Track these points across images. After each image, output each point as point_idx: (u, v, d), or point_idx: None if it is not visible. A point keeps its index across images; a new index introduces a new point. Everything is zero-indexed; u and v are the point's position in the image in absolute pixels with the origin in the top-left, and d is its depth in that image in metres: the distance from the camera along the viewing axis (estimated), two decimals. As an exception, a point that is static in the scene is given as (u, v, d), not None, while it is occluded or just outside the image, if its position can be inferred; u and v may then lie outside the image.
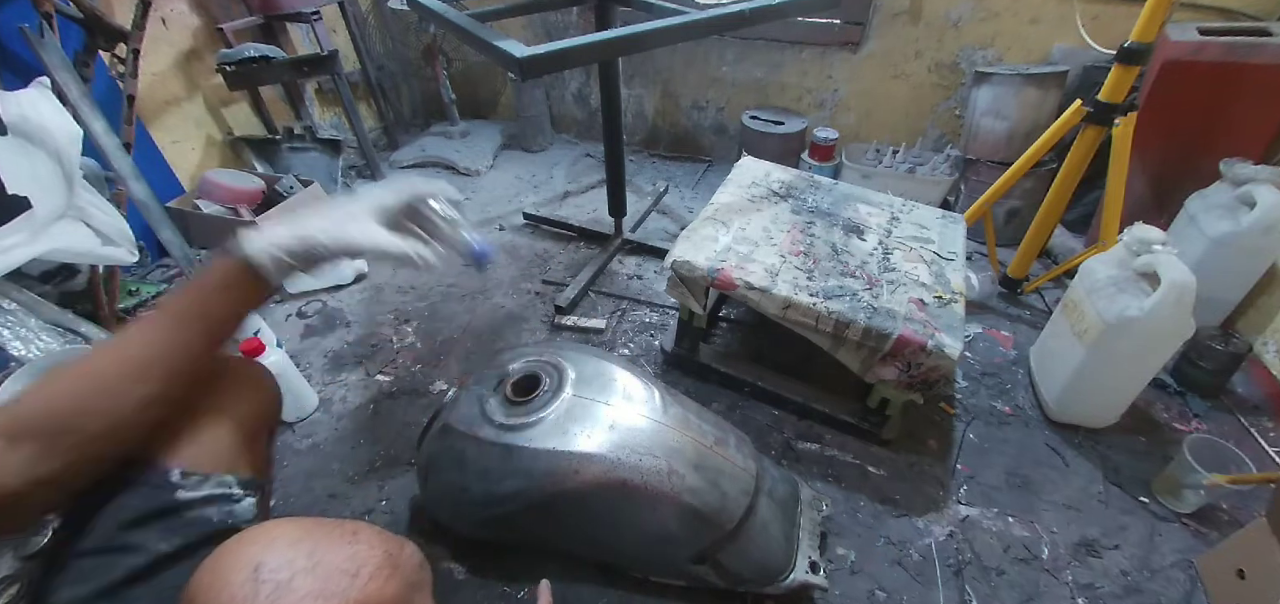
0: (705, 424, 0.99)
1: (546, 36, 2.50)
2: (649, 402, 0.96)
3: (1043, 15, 1.88)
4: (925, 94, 2.16)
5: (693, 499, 0.89)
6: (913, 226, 1.41)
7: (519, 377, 0.99)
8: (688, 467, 0.90)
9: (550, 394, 0.95)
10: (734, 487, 0.93)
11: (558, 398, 0.93)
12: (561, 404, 0.93)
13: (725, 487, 0.92)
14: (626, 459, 0.88)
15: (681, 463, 0.90)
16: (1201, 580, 1.05)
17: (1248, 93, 1.49)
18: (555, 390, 0.95)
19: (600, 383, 0.97)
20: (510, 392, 0.96)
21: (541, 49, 0.96)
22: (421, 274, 1.85)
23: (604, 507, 0.89)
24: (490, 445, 0.90)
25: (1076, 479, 1.24)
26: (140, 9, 1.53)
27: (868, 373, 1.16)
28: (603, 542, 0.96)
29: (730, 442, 1.00)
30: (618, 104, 1.66)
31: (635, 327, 1.64)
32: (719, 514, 0.90)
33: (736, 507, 0.92)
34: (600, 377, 0.98)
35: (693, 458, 0.91)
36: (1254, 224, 1.33)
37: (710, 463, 0.93)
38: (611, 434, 0.90)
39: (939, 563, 1.08)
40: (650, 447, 0.90)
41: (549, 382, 0.97)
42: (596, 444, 0.89)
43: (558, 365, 0.99)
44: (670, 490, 0.88)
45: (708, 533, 0.91)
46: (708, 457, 0.93)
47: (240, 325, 0.63)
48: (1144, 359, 1.19)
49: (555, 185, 2.41)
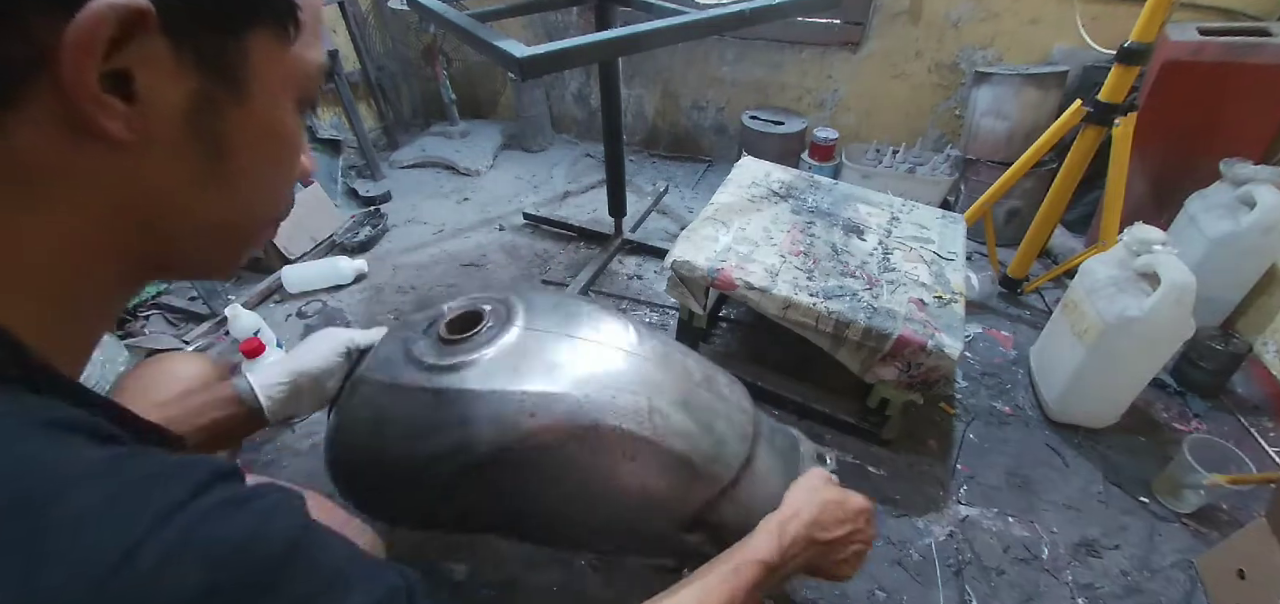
0: (690, 360, 0.80)
1: (546, 36, 2.50)
2: (622, 333, 0.76)
3: (1043, 15, 1.88)
4: (925, 94, 2.16)
5: (682, 444, 0.69)
6: (913, 227, 1.41)
7: (456, 314, 0.77)
8: (672, 405, 0.70)
9: (495, 329, 0.72)
10: (731, 430, 0.75)
11: (505, 332, 0.71)
12: (509, 338, 0.70)
13: (720, 429, 0.74)
14: (595, 396, 0.67)
15: (665, 400, 0.70)
16: (1201, 580, 1.05)
17: (1248, 93, 1.49)
18: (501, 324, 0.72)
19: (560, 314, 0.76)
20: (444, 330, 0.73)
21: (541, 49, 0.96)
22: (422, 273, 1.85)
23: (566, 462, 0.67)
24: (416, 392, 0.67)
25: (1076, 479, 1.24)
26: (140, 9, 1.53)
27: (868, 373, 1.16)
28: (567, 515, 0.72)
29: (720, 379, 0.81)
30: (618, 104, 1.66)
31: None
32: (714, 462, 0.72)
33: (734, 455, 0.74)
34: (559, 309, 0.77)
35: (678, 395, 0.72)
36: (1254, 224, 1.33)
37: (700, 401, 0.74)
38: (575, 369, 0.69)
39: (939, 563, 1.08)
40: (626, 383, 0.69)
41: (495, 316, 0.74)
42: (555, 381, 0.67)
43: (505, 300, 0.77)
44: (653, 434, 0.68)
45: (701, 488, 0.72)
46: (697, 394, 0.75)
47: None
48: (1144, 359, 1.19)
49: (555, 185, 2.41)
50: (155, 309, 1.70)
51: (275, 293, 1.79)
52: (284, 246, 1.85)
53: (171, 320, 1.67)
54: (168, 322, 1.67)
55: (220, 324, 1.58)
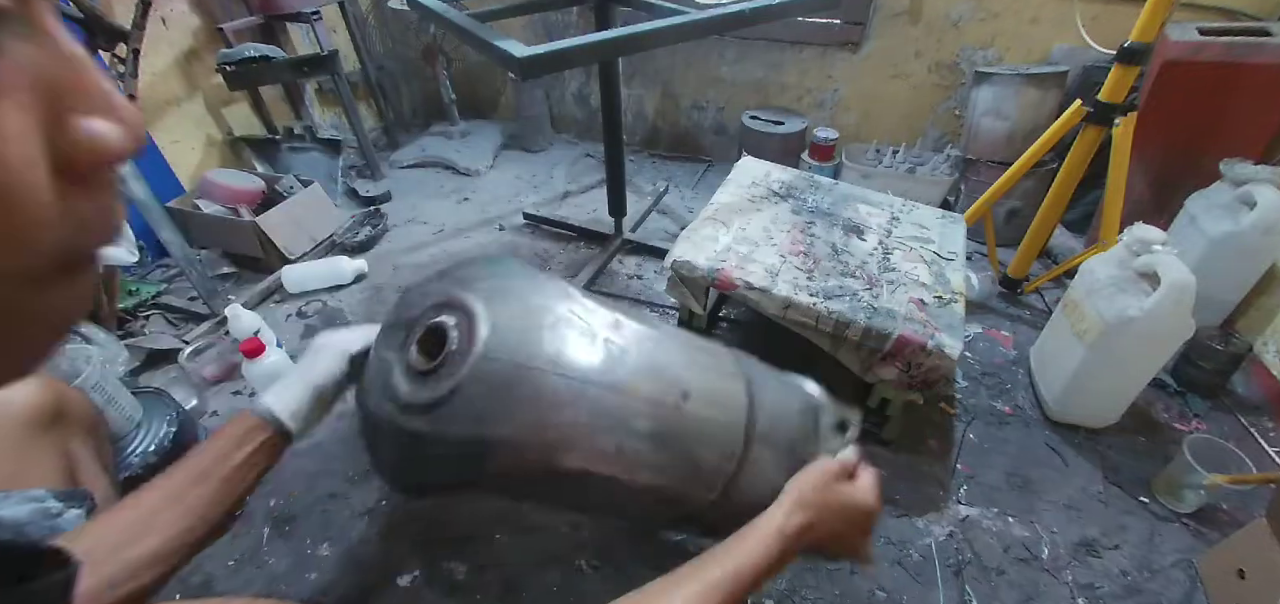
0: (673, 365, 0.77)
1: (546, 36, 2.50)
2: (588, 351, 0.73)
3: (1043, 15, 1.88)
4: (925, 94, 2.16)
5: (655, 477, 0.70)
6: (913, 227, 1.41)
7: (423, 333, 0.76)
8: (643, 441, 0.71)
9: (459, 357, 0.71)
10: (712, 450, 0.73)
11: (467, 362, 0.70)
12: (472, 370, 0.69)
13: (700, 454, 0.73)
14: (558, 443, 0.69)
15: (634, 439, 0.70)
16: (1201, 580, 1.05)
17: (1248, 93, 1.49)
18: (464, 351, 0.71)
19: (520, 333, 0.72)
20: (415, 356, 0.74)
21: (541, 49, 0.96)
22: (422, 273, 1.85)
23: (543, 493, 0.75)
24: (398, 432, 0.71)
25: (1076, 479, 1.24)
26: (140, 9, 1.53)
27: (868, 373, 1.16)
28: (559, 501, 0.81)
29: (710, 380, 0.79)
30: (618, 104, 1.66)
31: (635, 326, 1.64)
32: (691, 484, 0.72)
33: (715, 474, 0.73)
34: (522, 322, 0.74)
35: (650, 428, 0.71)
36: (1254, 224, 1.33)
37: (673, 429, 0.72)
38: (537, 410, 0.69)
39: (939, 563, 1.08)
40: (590, 422, 0.70)
41: (457, 334, 0.72)
42: (518, 428, 0.68)
43: (467, 309, 0.74)
44: (624, 475, 0.70)
45: (680, 506, 0.75)
46: (670, 422, 0.72)
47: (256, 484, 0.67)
48: (1144, 359, 1.19)
49: (555, 185, 2.41)
50: (155, 309, 1.70)
51: (275, 293, 1.79)
52: (284, 246, 1.85)
53: (171, 320, 1.67)
54: (168, 321, 1.67)
55: (220, 324, 1.58)
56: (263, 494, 1.20)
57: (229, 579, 1.06)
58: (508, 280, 0.78)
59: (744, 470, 0.76)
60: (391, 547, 1.11)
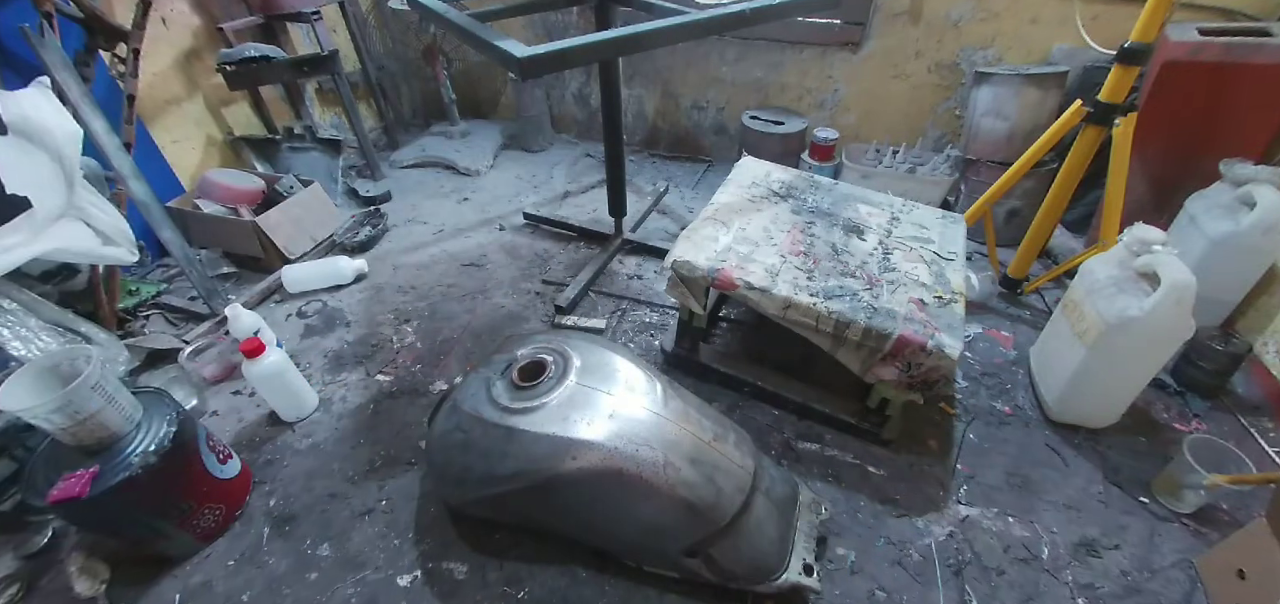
0: (706, 419, 1.01)
1: (546, 36, 2.50)
2: (650, 394, 0.99)
3: (1043, 15, 1.88)
4: (925, 94, 2.16)
5: (687, 493, 0.91)
6: (913, 227, 1.41)
7: (526, 362, 1.03)
8: (684, 460, 0.92)
9: (554, 381, 0.98)
10: (729, 483, 0.94)
11: (561, 385, 0.97)
12: (564, 391, 0.96)
13: (720, 482, 0.93)
14: (623, 448, 0.90)
15: (678, 456, 0.92)
16: (1201, 580, 1.05)
17: (1248, 93, 1.49)
18: (559, 377, 0.98)
19: (603, 372, 1.00)
20: (516, 376, 1.00)
21: (541, 49, 0.96)
22: (422, 273, 1.85)
23: (599, 493, 0.92)
24: (493, 427, 0.95)
25: (1076, 479, 1.24)
26: (140, 9, 1.53)
27: (868, 373, 1.16)
28: (597, 527, 0.98)
29: (729, 439, 1.01)
30: (618, 104, 1.66)
31: (635, 326, 1.64)
32: (713, 509, 0.92)
33: (730, 503, 0.93)
34: (604, 366, 1.01)
35: (689, 452, 0.93)
36: (1254, 224, 1.33)
37: (706, 458, 0.94)
38: (610, 423, 0.93)
39: (939, 563, 1.08)
40: (647, 437, 0.92)
41: (555, 367, 1.01)
42: (595, 432, 0.91)
43: (563, 353, 1.03)
44: (664, 482, 0.90)
45: (700, 526, 0.92)
46: (705, 452, 0.95)
47: None
48: (1144, 359, 1.19)
49: (555, 185, 2.41)
50: (155, 309, 1.70)
51: (275, 293, 1.79)
52: (284, 246, 1.85)
53: (171, 320, 1.68)
54: (168, 321, 1.67)
55: (220, 324, 1.58)
56: (263, 494, 1.20)
57: (229, 579, 1.06)
58: (589, 342, 1.07)
59: (749, 510, 0.94)
60: (392, 547, 1.11)
